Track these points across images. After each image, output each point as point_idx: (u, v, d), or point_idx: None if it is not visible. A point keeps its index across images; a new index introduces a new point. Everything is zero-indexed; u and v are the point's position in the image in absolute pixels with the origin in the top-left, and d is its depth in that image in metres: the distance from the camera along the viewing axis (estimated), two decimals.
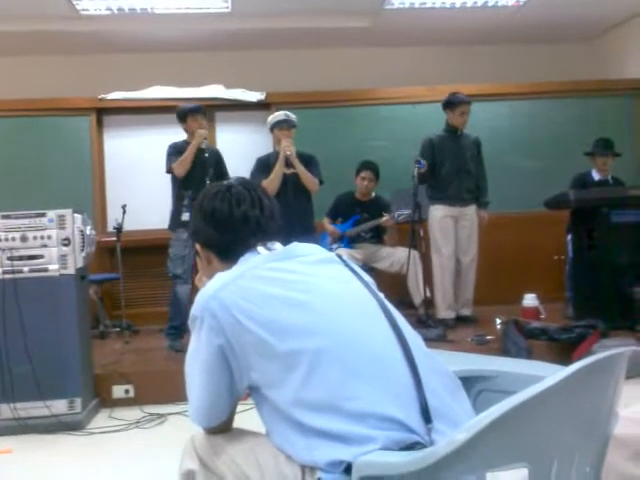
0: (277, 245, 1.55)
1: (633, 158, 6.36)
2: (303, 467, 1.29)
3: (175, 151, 4.70)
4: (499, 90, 6.51)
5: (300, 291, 1.38)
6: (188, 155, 4.62)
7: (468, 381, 1.57)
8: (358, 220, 5.44)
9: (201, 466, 1.45)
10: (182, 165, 4.64)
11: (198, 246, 1.60)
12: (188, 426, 1.49)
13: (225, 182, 1.62)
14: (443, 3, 5.83)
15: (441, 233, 5.11)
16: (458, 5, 5.87)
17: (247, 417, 1.73)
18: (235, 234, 1.53)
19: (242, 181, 1.62)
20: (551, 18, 6.31)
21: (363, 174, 5.43)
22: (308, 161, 4.74)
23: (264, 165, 4.75)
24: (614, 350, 1.23)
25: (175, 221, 4.72)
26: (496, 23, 6.38)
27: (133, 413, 3.91)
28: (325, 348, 1.31)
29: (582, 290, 4.98)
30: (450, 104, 5.14)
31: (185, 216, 4.55)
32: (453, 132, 5.16)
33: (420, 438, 1.24)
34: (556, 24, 6.49)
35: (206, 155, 4.67)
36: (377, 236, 5.49)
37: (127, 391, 4.09)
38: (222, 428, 1.47)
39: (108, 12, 5.64)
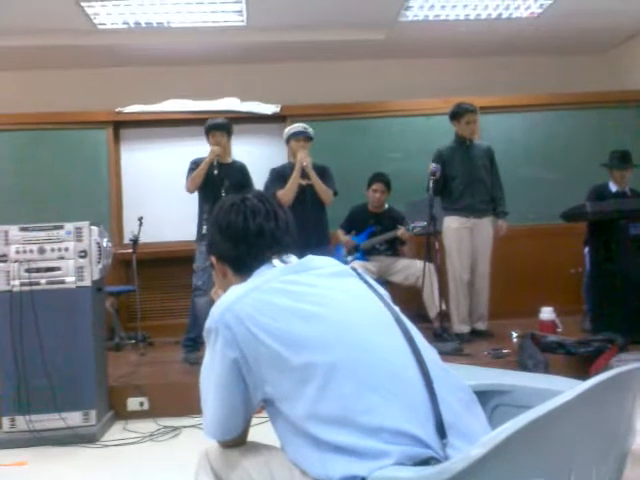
0: (292, 258, 1.54)
1: None
2: None
3: (195, 167, 4.74)
4: (514, 102, 6.51)
5: (315, 304, 1.38)
6: (198, 172, 4.68)
7: (484, 395, 1.55)
8: (373, 232, 5.43)
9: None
10: (192, 182, 4.71)
11: (213, 259, 1.60)
12: (202, 439, 1.48)
13: (240, 194, 1.62)
14: (457, 15, 5.83)
15: (456, 245, 5.07)
16: (472, 17, 5.87)
17: (262, 430, 1.72)
18: (250, 247, 1.52)
19: (257, 193, 1.62)
20: (566, 30, 6.30)
21: (374, 186, 5.43)
22: (322, 172, 4.75)
23: (279, 175, 4.77)
24: (632, 365, 1.22)
25: (198, 234, 4.76)
26: (511, 35, 6.38)
27: (148, 426, 3.91)
28: (339, 361, 1.30)
29: (599, 303, 4.91)
30: (455, 115, 5.12)
31: (204, 229, 4.59)
32: (462, 143, 5.14)
33: (435, 453, 1.23)
34: (571, 36, 6.48)
35: (215, 172, 4.70)
36: (392, 248, 5.47)
37: (142, 403, 4.10)
38: (237, 442, 1.47)
39: (125, 26, 5.71)
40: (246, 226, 1.53)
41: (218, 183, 4.66)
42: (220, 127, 4.82)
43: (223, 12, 5.53)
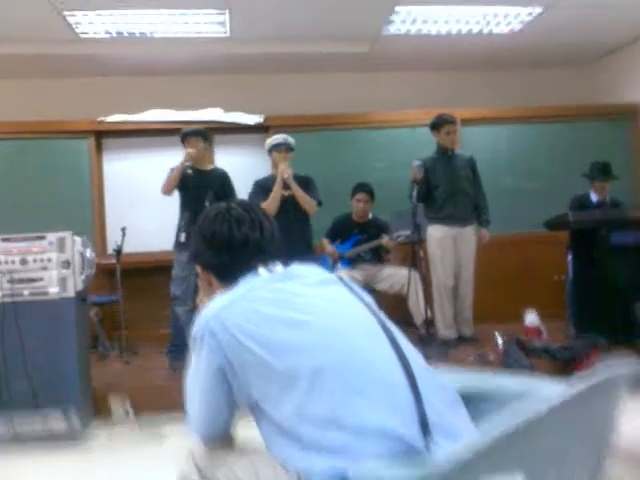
0: (278, 266, 1.56)
1: (630, 180, 6.41)
2: None
3: (172, 173, 4.73)
4: (496, 114, 6.57)
5: (301, 312, 1.39)
6: (173, 174, 4.68)
7: (469, 397, 1.56)
8: (358, 240, 5.45)
9: (201, 478, 1.45)
10: (165, 185, 4.72)
11: (199, 268, 1.60)
12: (186, 444, 1.50)
13: (224, 204, 1.62)
14: (439, 30, 5.88)
15: (439, 253, 5.11)
16: (454, 32, 5.93)
17: (246, 431, 1.72)
18: (235, 256, 1.53)
19: (242, 203, 1.63)
20: (546, 45, 6.37)
21: (358, 196, 5.46)
22: (306, 183, 4.77)
23: (262, 188, 4.78)
24: (617, 369, 1.24)
25: (176, 242, 4.74)
26: (491, 49, 6.45)
27: (131, 429, 3.89)
28: (325, 365, 1.31)
29: (582, 309, 4.99)
30: (435, 125, 5.19)
31: (182, 237, 4.58)
32: (444, 153, 5.19)
33: (419, 452, 1.24)
34: (551, 50, 6.56)
35: (189, 172, 4.68)
36: (377, 256, 5.48)
37: (125, 407, 4.05)
38: (223, 443, 1.48)
39: (107, 36, 5.68)
40: (231, 235, 1.53)
41: (201, 191, 4.64)
42: (195, 133, 4.82)
43: (206, 23, 5.54)
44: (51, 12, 5.08)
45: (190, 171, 4.70)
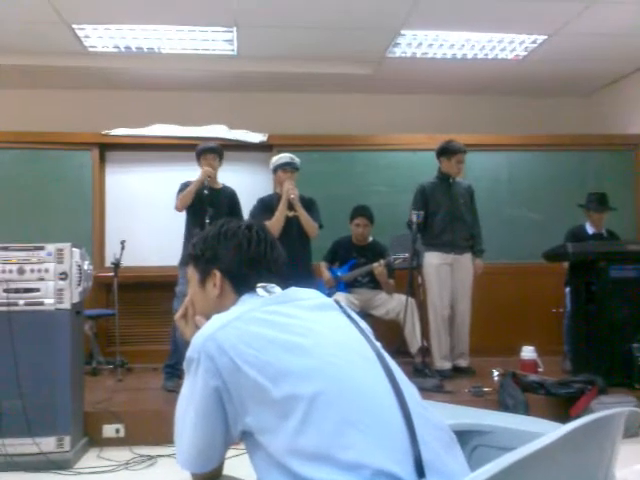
0: (276, 289, 1.54)
1: (631, 212, 6.43)
2: None
3: (184, 188, 4.73)
4: (498, 141, 6.59)
5: (297, 335, 1.37)
6: (189, 190, 4.66)
7: (464, 435, 1.54)
8: (355, 264, 5.43)
9: None
10: (181, 200, 4.69)
11: (218, 273, 1.56)
12: (178, 469, 1.45)
13: (244, 222, 1.64)
14: (444, 54, 5.93)
15: (437, 281, 5.07)
16: (459, 56, 5.97)
17: (235, 463, 1.70)
18: (258, 268, 1.54)
19: (261, 225, 1.66)
20: (550, 73, 6.44)
21: (357, 220, 5.43)
22: (309, 205, 4.77)
23: (266, 206, 4.77)
24: (612, 409, 1.22)
25: (183, 258, 4.72)
26: (496, 75, 6.51)
27: (123, 454, 3.84)
28: (321, 395, 1.28)
29: (580, 344, 4.93)
30: (446, 152, 5.12)
31: None
32: (446, 179, 5.17)
33: None
34: (555, 78, 6.62)
35: (205, 192, 4.69)
36: (374, 281, 5.44)
37: (117, 430, 4.02)
38: (212, 475, 1.44)
39: (115, 50, 5.73)
40: (265, 252, 1.57)
41: (206, 208, 4.64)
42: (214, 150, 4.86)
43: (214, 40, 5.59)
44: (60, 25, 5.13)
45: (206, 191, 4.71)
